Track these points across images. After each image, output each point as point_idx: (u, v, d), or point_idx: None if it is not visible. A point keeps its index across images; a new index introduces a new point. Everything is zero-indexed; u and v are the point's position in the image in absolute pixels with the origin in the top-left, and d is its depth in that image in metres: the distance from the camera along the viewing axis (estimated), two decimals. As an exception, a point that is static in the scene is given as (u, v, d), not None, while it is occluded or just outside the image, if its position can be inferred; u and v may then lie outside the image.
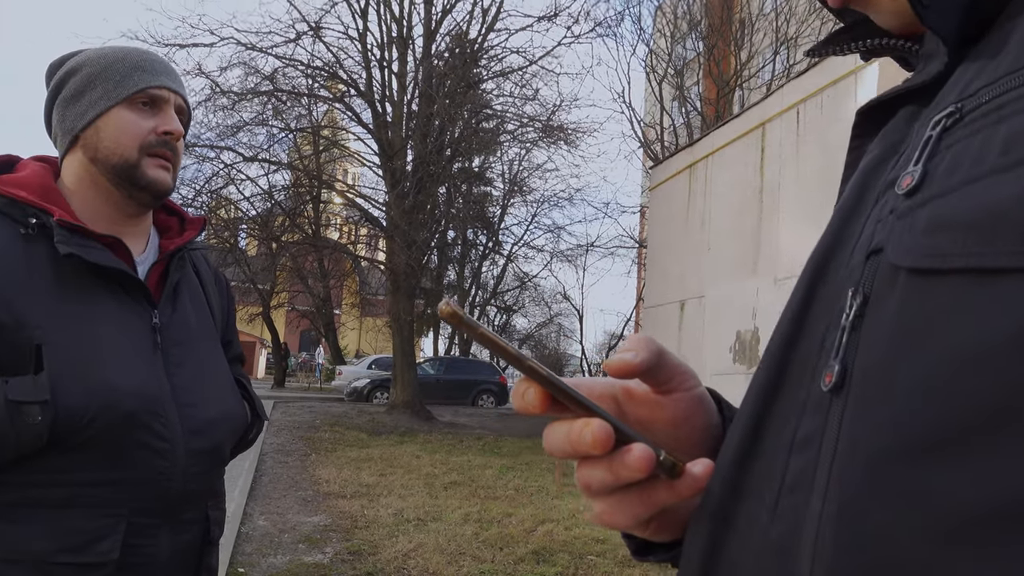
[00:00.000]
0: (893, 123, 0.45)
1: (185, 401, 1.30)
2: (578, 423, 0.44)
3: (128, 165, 1.31)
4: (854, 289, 0.38)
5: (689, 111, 21.77)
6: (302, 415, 15.81)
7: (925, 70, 0.43)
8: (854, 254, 0.40)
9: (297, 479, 8.54)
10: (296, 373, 36.70)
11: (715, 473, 0.46)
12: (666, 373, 0.49)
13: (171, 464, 1.25)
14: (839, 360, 0.37)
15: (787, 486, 0.38)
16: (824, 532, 0.34)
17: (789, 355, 0.42)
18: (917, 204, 0.35)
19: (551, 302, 31.71)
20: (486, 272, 29.32)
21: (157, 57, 1.40)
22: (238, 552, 5.43)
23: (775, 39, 20.17)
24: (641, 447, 0.44)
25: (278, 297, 28.03)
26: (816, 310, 0.42)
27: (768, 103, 10.13)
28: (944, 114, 0.37)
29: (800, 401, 0.40)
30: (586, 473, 0.47)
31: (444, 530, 6.25)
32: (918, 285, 0.34)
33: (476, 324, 0.43)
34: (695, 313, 11.20)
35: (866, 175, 0.43)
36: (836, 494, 0.34)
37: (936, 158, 0.36)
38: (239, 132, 16.94)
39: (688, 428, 0.51)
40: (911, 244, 0.35)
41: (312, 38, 16.62)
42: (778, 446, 0.40)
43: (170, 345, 1.32)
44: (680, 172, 12.28)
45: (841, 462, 0.35)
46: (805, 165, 8.97)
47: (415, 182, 15.91)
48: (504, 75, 18.04)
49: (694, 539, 0.46)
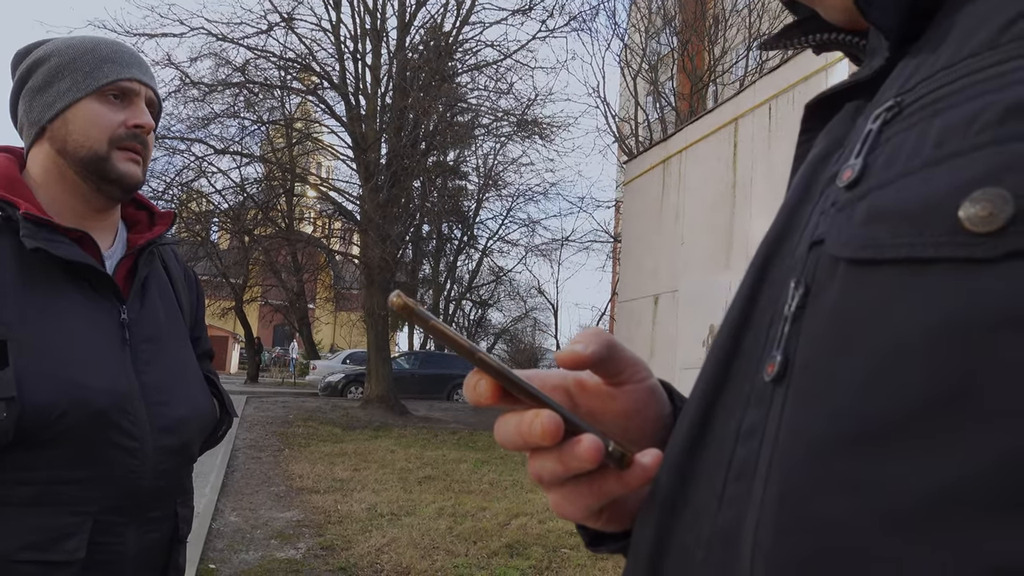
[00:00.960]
0: (839, 117, 0.45)
1: (154, 399, 1.28)
2: (528, 414, 0.45)
3: (97, 158, 1.28)
4: (796, 280, 0.38)
5: (663, 106, 21.86)
6: (275, 410, 15.70)
7: (869, 65, 0.44)
8: (798, 246, 0.40)
9: (270, 474, 8.48)
10: (270, 368, 36.44)
11: (664, 462, 0.46)
12: (617, 365, 0.49)
13: (140, 462, 1.24)
14: (781, 351, 0.37)
15: (733, 474, 0.39)
16: (764, 519, 0.35)
17: (736, 345, 0.43)
18: (857, 196, 0.36)
19: (526, 296, 31.74)
20: (461, 266, 29.32)
21: (128, 49, 1.37)
22: (209, 548, 5.39)
23: (748, 35, 20.31)
24: (590, 438, 0.44)
25: (251, 291, 27.78)
26: (762, 301, 0.42)
27: (741, 98, 10.19)
28: (884, 108, 0.37)
29: (746, 391, 0.40)
30: (537, 464, 0.47)
31: (418, 524, 6.25)
32: (856, 276, 0.34)
33: (428, 316, 0.42)
34: (669, 307, 11.27)
35: (812, 168, 0.44)
36: (776, 482, 0.35)
37: (876, 151, 0.36)
38: (210, 124, 16.76)
39: (640, 419, 0.52)
40: (849, 235, 0.35)
41: (284, 29, 16.50)
42: (725, 435, 0.40)
43: (139, 341, 1.30)
44: (654, 167, 12.33)
45: (782, 451, 0.35)
46: (777, 160, 9.05)
47: (389, 176, 15.84)
48: (479, 68, 18.00)
49: (643, 528, 0.47)
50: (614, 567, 5.26)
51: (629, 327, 12.77)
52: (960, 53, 0.34)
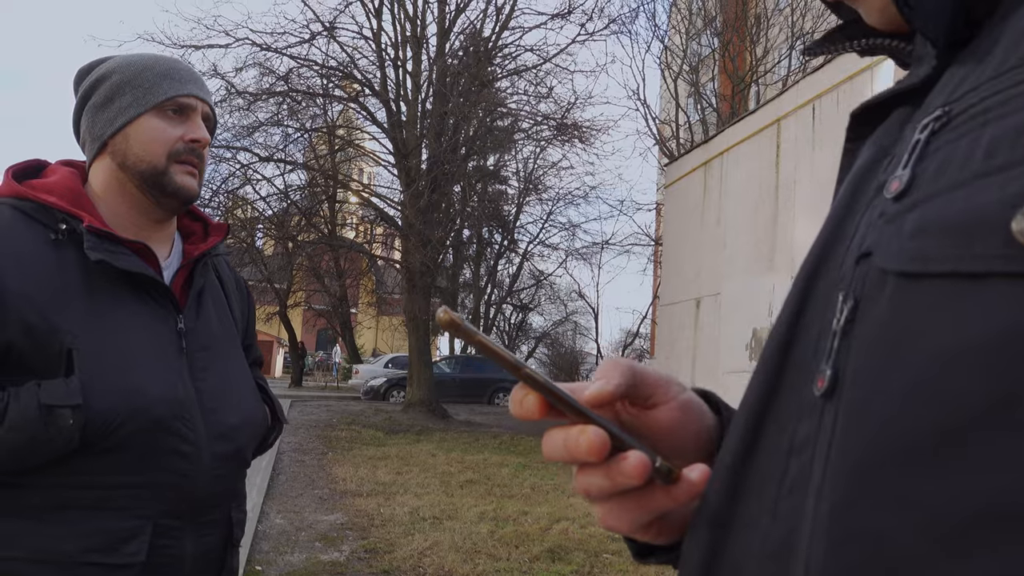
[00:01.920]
0: (886, 125, 0.45)
1: (210, 406, 1.32)
2: (574, 430, 0.45)
3: (156, 172, 1.33)
4: (844, 293, 0.38)
5: (704, 107, 21.67)
6: (319, 414, 15.89)
7: (915, 72, 0.43)
8: (846, 258, 0.40)
9: (314, 477, 8.59)
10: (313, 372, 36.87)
11: (712, 477, 0.46)
12: (645, 390, 0.50)
13: (196, 468, 1.28)
14: (831, 365, 0.37)
15: (786, 489, 0.39)
16: (817, 533, 0.35)
17: (785, 359, 0.42)
18: (905, 208, 0.35)
19: (567, 300, 31.66)
20: (501, 270, 29.34)
21: (185, 65, 1.43)
22: (255, 550, 5.47)
23: (790, 34, 20.03)
24: (637, 455, 0.44)
25: (295, 296, 28.15)
26: (810, 313, 0.42)
27: (783, 99, 10.06)
28: (932, 117, 0.37)
29: (796, 405, 0.40)
30: (585, 479, 0.48)
31: (460, 528, 6.27)
32: (905, 289, 0.34)
33: (474, 331, 0.43)
34: (711, 310, 11.15)
35: (858, 177, 0.43)
36: (829, 495, 0.34)
37: (924, 162, 0.36)
38: (255, 132, 17.05)
39: (683, 434, 0.52)
40: (898, 248, 0.35)
41: (326, 38, 16.70)
42: (776, 450, 0.40)
43: (195, 350, 1.34)
44: (695, 169, 12.23)
45: (833, 465, 0.35)
46: (821, 161, 8.91)
47: (430, 181, 15.93)
48: (518, 73, 18.03)
49: (693, 544, 0.46)
50: (656, 573, 5.22)
51: (671, 331, 12.67)
52: (1007, 62, 0.34)
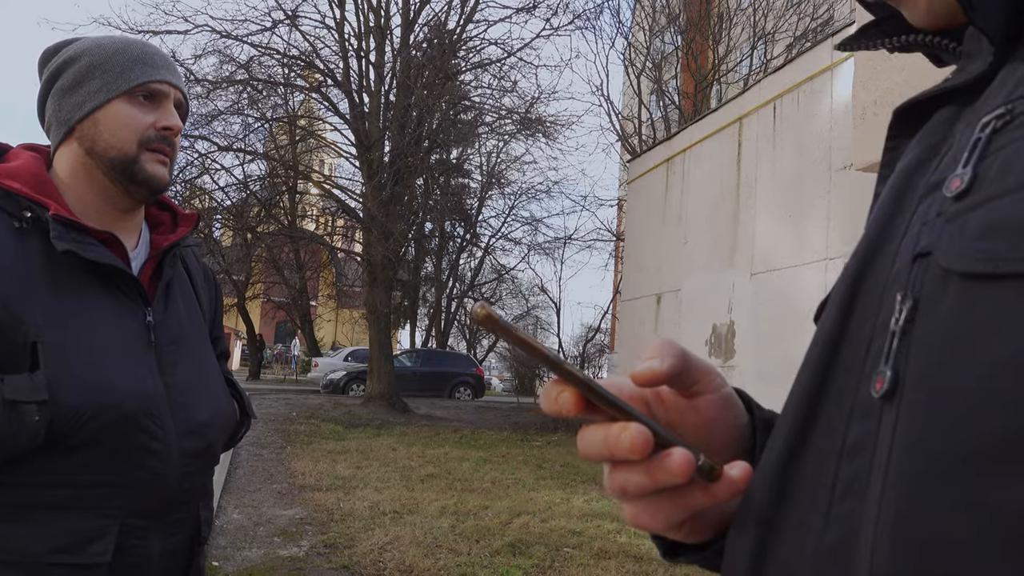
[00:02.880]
0: (931, 124, 0.44)
1: (179, 401, 1.28)
2: (615, 427, 0.44)
3: (127, 159, 1.28)
4: (903, 293, 0.37)
5: (667, 105, 21.84)
6: (278, 407, 15.71)
7: (967, 69, 0.43)
8: (898, 256, 0.39)
9: (272, 472, 8.49)
10: (271, 365, 36.47)
11: (757, 477, 0.45)
12: (692, 376, 0.48)
13: (165, 465, 1.24)
14: (890, 366, 0.36)
15: (840, 491, 0.38)
16: (881, 538, 0.34)
17: (833, 358, 0.42)
18: (968, 207, 0.35)
19: (528, 295, 31.75)
20: (464, 264, 29.31)
21: (157, 50, 1.37)
22: (212, 546, 5.38)
23: (752, 34, 20.28)
24: (681, 452, 0.43)
25: (253, 288, 27.80)
26: (859, 313, 0.41)
27: (745, 98, 10.18)
28: (994, 116, 0.36)
29: (847, 406, 0.39)
30: (622, 477, 0.46)
31: (420, 523, 6.24)
32: (972, 289, 0.33)
33: (512, 327, 0.42)
34: (671, 306, 11.26)
35: (905, 177, 0.43)
36: (892, 501, 0.34)
37: (987, 160, 0.35)
38: (214, 121, 16.77)
39: (719, 429, 0.51)
40: (963, 248, 0.34)
41: (288, 27, 16.49)
42: (826, 451, 0.40)
43: (164, 343, 1.29)
44: (658, 166, 12.32)
45: (897, 469, 0.34)
46: (781, 160, 9.03)
47: (392, 173, 15.84)
48: (482, 67, 18.00)
49: (738, 544, 0.46)
50: (616, 567, 5.26)
51: (632, 326, 12.76)
52: None
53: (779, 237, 8.88)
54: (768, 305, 8.82)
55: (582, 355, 24.19)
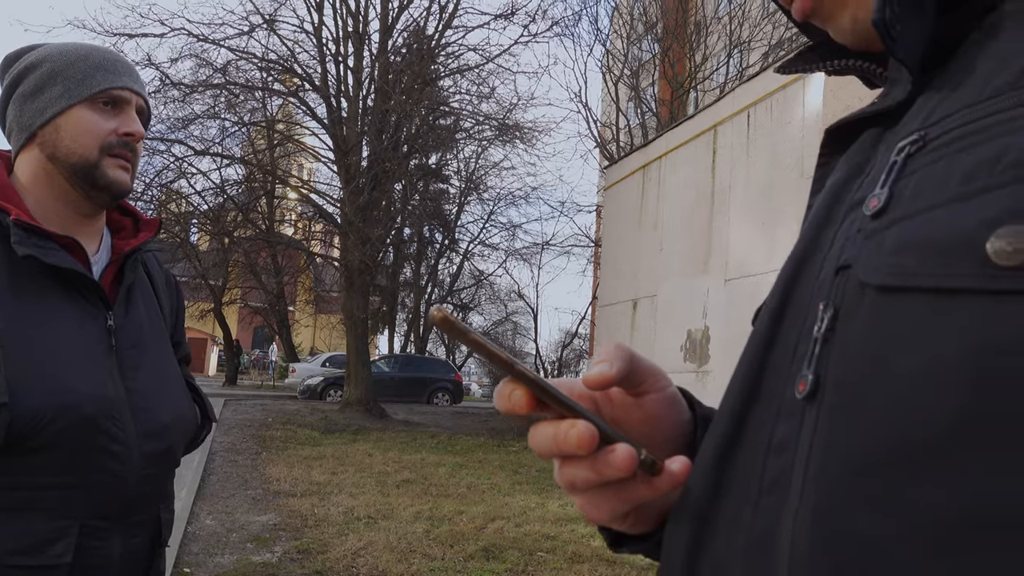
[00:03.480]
0: (858, 144, 0.47)
1: (140, 404, 1.29)
2: (564, 424, 0.46)
3: (88, 165, 1.30)
4: (825, 303, 0.40)
5: (644, 112, 21.98)
6: (254, 413, 15.60)
7: (890, 95, 0.46)
8: (824, 268, 0.42)
9: (247, 478, 8.44)
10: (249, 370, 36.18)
11: (694, 472, 0.48)
12: (639, 377, 0.51)
13: (126, 467, 1.25)
14: (812, 370, 0.39)
15: (767, 486, 0.40)
16: (799, 531, 0.36)
17: (765, 360, 0.44)
18: (883, 225, 0.38)
19: (507, 300, 31.74)
20: (442, 270, 29.23)
21: (119, 57, 1.39)
22: (184, 552, 5.36)
23: (728, 42, 20.47)
24: (624, 447, 0.46)
25: (230, 293, 27.57)
26: (789, 319, 0.44)
27: (720, 105, 10.27)
28: (909, 141, 0.39)
29: (775, 406, 0.42)
30: (570, 471, 0.49)
31: (395, 528, 6.24)
32: (884, 301, 0.36)
33: (468, 329, 0.44)
34: (647, 312, 11.33)
35: (834, 192, 0.46)
36: (811, 496, 0.36)
37: (901, 182, 0.38)
38: (190, 125, 16.66)
39: (661, 426, 0.54)
40: (878, 262, 0.37)
41: (266, 31, 16.44)
42: (756, 447, 0.42)
43: (125, 347, 1.31)
44: (634, 172, 12.39)
45: (815, 466, 0.37)
46: (755, 167, 9.13)
47: (370, 178, 15.80)
48: (461, 72, 18.02)
49: (676, 534, 0.48)
50: (590, 571, 5.29)
51: (609, 331, 12.82)
52: (984, 92, 0.37)
53: (752, 243, 8.97)
54: (742, 311, 8.91)
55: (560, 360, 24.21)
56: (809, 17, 0.50)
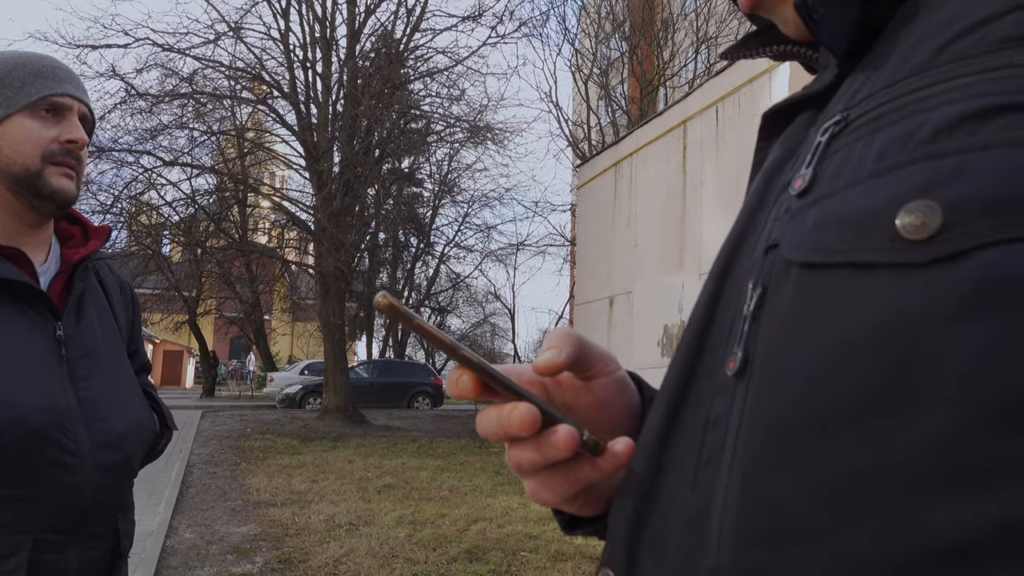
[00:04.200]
0: (793, 127, 0.48)
1: (93, 415, 1.27)
2: (507, 407, 0.47)
3: (30, 174, 1.27)
4: (754, 281, 0.41)
5: (615, 110, 22.07)
6: (232, 424, 15.47)
7: (820, 79, 0.47)
8: (755, 249, 0.43)
9: (226, 489, 8.36)
10: (227, 381, 35.88)
11: (637, 452, 0.49)
12: (588, 361, 0.52)
13: (80, 479, 1.23)
14: (742, 347, 0.40)
15: (703, 461, 0.41)
16: (729, 502, 0.38)
17: (702, 342, 0.45)
18: (807, 204, 0.39)
19: (484, 302, 31.75)
20: (419, 274, 29.16)
21: (59, 63, 1.36)
22: (163, 566, 5.30)
23: (695, 38, 20.61)
24: (566, 428, 0.47)
25: (205, 304, 27.31)
26: (724, 300, 0.45)
27: (689, 101, 10.34)
28: (832, 121, 0.41)
29: (712, 385, 0.43)
30: (516, 454, 0.50)
31: (377, 534, 6.21)
32: (806, 278, 0.37)
33: (412, 315, 0.45)
34: (624, 309, 11.37)
35: (767, 175, 0.47)
36: (739, 468, 0.38)
37: (825, 162, 0.39)
38: (159, 136, 16.52)
39: (611, 410, 0.54)
40: (801, 240, 0.38)
41: (232, 39, 16.34)
42: (694, 425, 0.43)
43: (76, 357, 1.29)
44: (606, 170, 12.44)
45: (743, 440, 0.38)
46: (724, 161, 9.20)
47: (342, 184, 15.73)
48: (430, 75, 18.01)
49: (619, 513, 0.49)
50: (573, 569, 5.30)
51: (587, 329, 12.85)
52: (899, 73, 0.38)
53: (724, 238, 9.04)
54: (716, 304, 8.96)
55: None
56: (755, 9, 0.52)
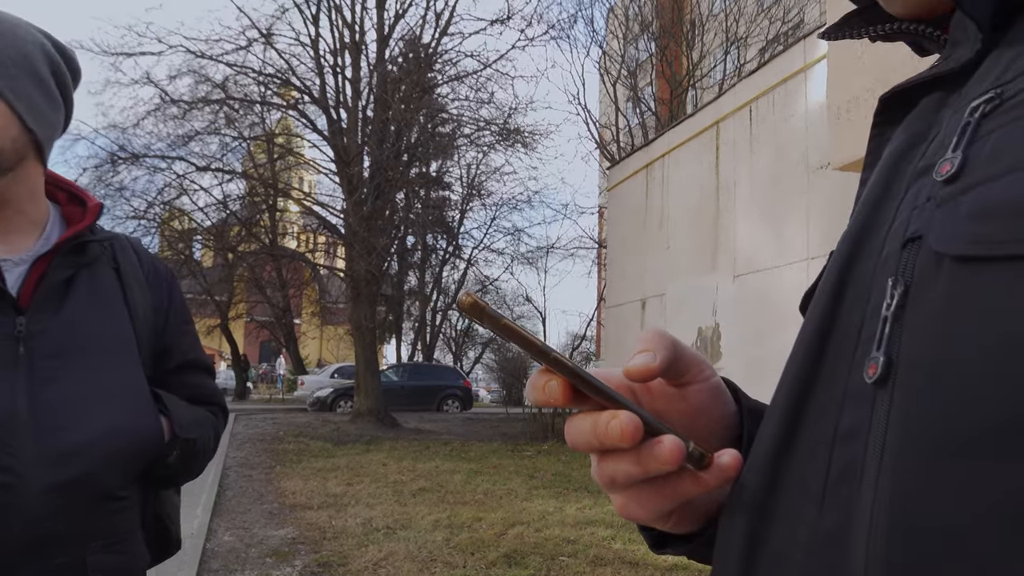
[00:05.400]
0: (917, 111, 0.44)
1: (48, 424, 1.10)
2: (604, 415, 0.43)
3: None
4: (894, 278, 0.37)
5: (644, 111, 21.99)
6: (265, 427, 15.60)
7: (953, 56, 0.43)
8: (887, 242, 0.39)
9: (262, 492, 8.42)
10: (257, 385, 36.22)
11: (749, 465, 0.45)
12: (682, 366, 0.48)
13: (21, 501, 1.05)
14: (882, 351, 0.36)
15: (834, 478, 0.38)
16: (878, 524, 0.34)
17: (823, 345, 0.41)
18: (959, 191, 0.35)
19: (513, 305, 31.73)
20: (447, 277, 29.24)
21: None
22: (204, 569, 5.34)
23: (725, 39, 20.48)
24: (671, 438, 0.43)
25: (236, 308, 27.63)
26: (848, 299, 0.41)
27: (721, 102, 10.26)
28: (983, 100, 0.36)
29: (839, 392, 0.39)
30: (610, 466, 0.46)
31: (414, 537, 6.22)
32: (965, 272, 0.33)
33: (499, 316, 0.41)
34: (656, 311, 11.30)
35: (893, 162, 0.43)
36: (888, 486, 0.34)
37: (976, 144, 0.35)
38: (191, 142, 16.73)
39: (705, 418, 0.50)
40: (955, 231, 0.34)
41: (263, 45, 16.49)
42: (818, 438, 0.40)
43: (40, 357, 1.13)
44: (637, 172, 12.39)
45: (892, 454, 0.34)
46: (759, 162, 9.11)
47: (372, 188, 15.82)
48: (459, 79, 18.05)
49: (730, 531, 0.45)
50: (613, 573, 5.26)
51: (617, 332, 12.80)
52: None
53: (760, 238, 8.95)
54: (751, 306, 8.88)
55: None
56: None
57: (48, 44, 1.23)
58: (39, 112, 1.18)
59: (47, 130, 1.21)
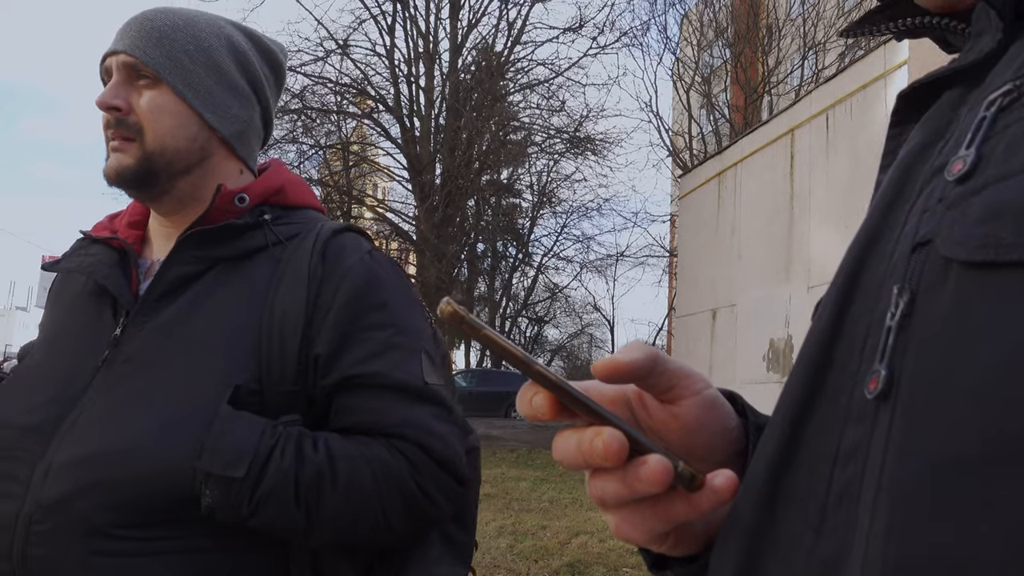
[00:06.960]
0: (936, 108, 0.41)
1: (76, 434, 0.95)
2: (588, 432, 0.41)
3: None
4: (900, 286, 0.34)
5: (717, 118, 21.67)
6: (336, 429, 15.88)
7: (975, 48, 0.40)
8: (897, 247, 0.36)
9: (332, 493, 8.59)
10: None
11: (745, 486, 0.42)
12: (666, 379, 0.45)
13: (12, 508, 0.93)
14: (885, 364, 0.34)
15: (833, 501, 0.35)
16: (872, 552, 0.31)
17: (827, 358, 0.39)
18: (970, 191, 0.32)
19: (582, 313, 31.67)
20: (516, 284, 29.35)
21: (134, 17, 1.09)
22: None
23: (802, 44, 20.03)
24: (657, 458, 0.40)
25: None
26: (855, 309, 0.38)
27: (797, 109, 10.06)
28: (1000, 93, 0.34)
29: (842, 408, 0.36)
30: (599, 485, 0.43)
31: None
32: (974, 279, 0.30)
33: (480, 325, 0.40)
34: (727, 321, 11.12)
35: (908, 163, 0.40)
36: (885, 510, 0.31)
37: (991, 140, 0.33)
38: (269, 150, 17.20)
39: (705, 434, 0.47)
40: (963, 234, 0.31)
41: (340, 55, 16.86)
42: (819, 457, 0.37)
43: (118, 361, 1.00)
44: (709, 180, 12.22)
45: (890, 475, 0.31)
46: (835, 170, 8.89)
47: (444, 195, 16.02)
48: (531, 87, 18.15)
49: (724, 556, 0.43)
50: (677, 587, 5.19)
51: (687, 342, 12.63)
52: None
53: (835, 249, 8.72)
54: (826, 318, 8.66)
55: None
56: None
57: (239, 37, 1.15)
58: (220, 108, 1.10)
59: (233, 126, 1.12)
